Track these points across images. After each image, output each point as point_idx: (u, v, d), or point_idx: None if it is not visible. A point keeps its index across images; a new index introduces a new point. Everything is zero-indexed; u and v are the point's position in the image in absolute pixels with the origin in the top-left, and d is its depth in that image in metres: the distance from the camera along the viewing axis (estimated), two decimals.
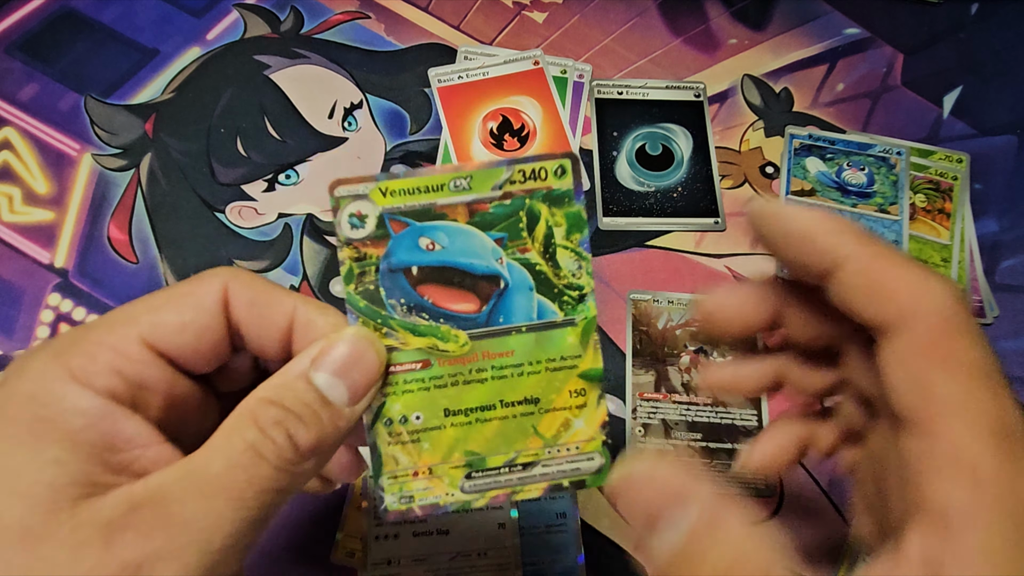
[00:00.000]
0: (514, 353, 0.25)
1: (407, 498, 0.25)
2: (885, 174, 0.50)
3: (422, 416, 0.24)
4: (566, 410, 0.25)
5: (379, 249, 0.24)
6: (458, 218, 0.24)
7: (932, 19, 0.57)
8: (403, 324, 0.24)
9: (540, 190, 0.24)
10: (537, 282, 0.25)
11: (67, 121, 0.49)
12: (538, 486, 0.25)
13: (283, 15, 0.54)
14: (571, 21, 0.55)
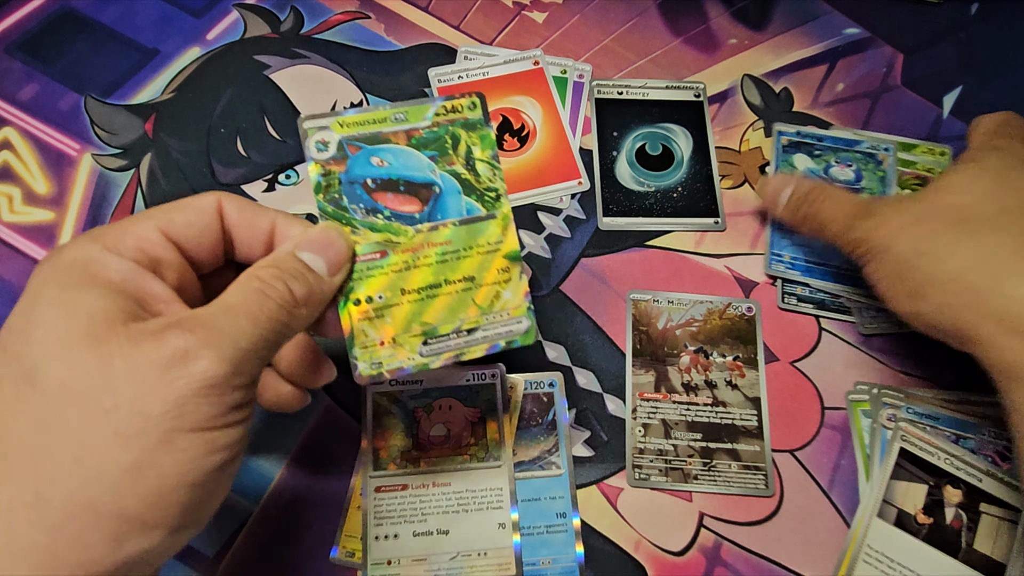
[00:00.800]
0: (451, 242, 0.32)
1: (376, 363, 0.31)
2: (873, 170, 0.50)
3: (384, 296, 0.31)
4: (496, 284, 0.32)
5: (340, 167, 0.31)
6: (399, 142, 0.32)
7: (932, 19, 0.57)
8: (363, 223, 0.31)
9: (459, 119, 0.33)
10: (463, 187, 0.33)
11: (67, 121, 0.49)
12: (480, 347, 0.32)
13: (283, 15, 0.54)
14: (571, 21, 0.55)
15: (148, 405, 0.23)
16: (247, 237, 0.30)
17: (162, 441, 0.23)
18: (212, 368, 0.24)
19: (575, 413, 0.44)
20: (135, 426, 0.23)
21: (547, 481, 0.41)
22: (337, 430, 0.43)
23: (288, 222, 0.31)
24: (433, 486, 0.40)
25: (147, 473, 0.23)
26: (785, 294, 0.47)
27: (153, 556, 0.24)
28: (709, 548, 0.41)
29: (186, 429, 0.23)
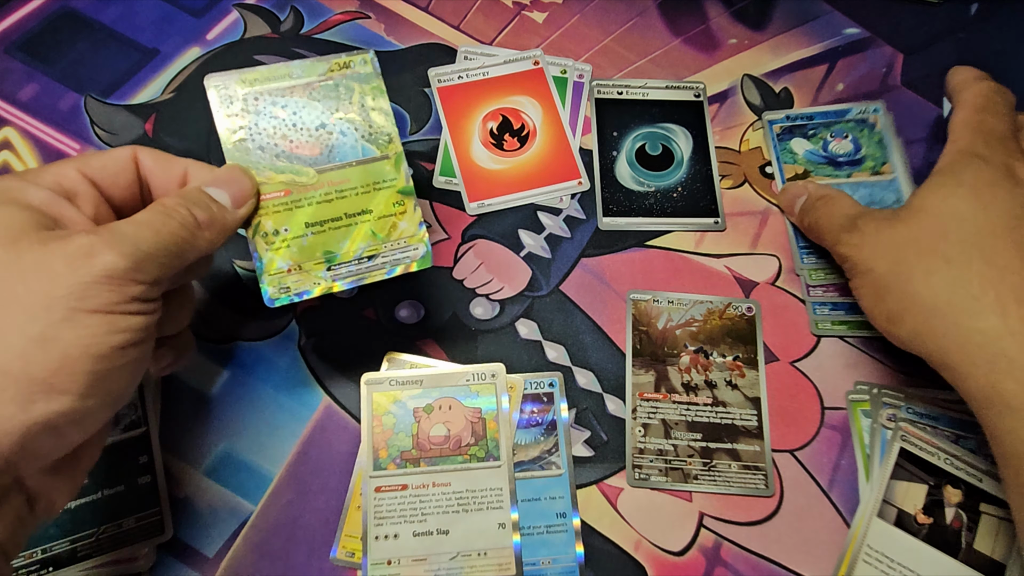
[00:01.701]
0: (350, 180, 0.36)
1: (285, 288, 0.35)
2: (868, 136, 0.50)
3: (289, 229, 0.35)
4: (392, 216, 0.36)
5: (247, 119, 0.35)
6: (299, 95, 0.36)
7: (932, 19, 0.57)
8: (269, 166, 0.35)
9: (352, 74, 0.37)
10: (359, 133, 0.37)
11: (67, 121, 0.49)
12: (380, 272, 0.36)
13: (283, 15, 0.54)
14: (571, 21, 0.55)
15: (54, 288, 0.26)
16: (162, 183, 0.34)
17: (65, 318, 0.26)
18: (112, 260, 0.27)
19: (575, 413, 0.44)
20: (41, 304, 0.26)
21: (547, 481, 0.41)
22: (337, 430, 0.43)
23: (199, 167, 0.34)
24: (433, 486, 0.40)
25: (52, 343, 0.26)
26: (817, 320, 0.47)
27: (63, 423, 0.26)
28: (709, 548, 0.41)
29: (88, 310, 0.26)
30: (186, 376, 0.43)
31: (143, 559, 0.39)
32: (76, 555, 0.38)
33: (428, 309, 0.46)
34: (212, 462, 0.42)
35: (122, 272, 0.27)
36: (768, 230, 0.49)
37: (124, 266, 0.27)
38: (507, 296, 0.46)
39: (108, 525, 0.39)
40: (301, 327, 0.45)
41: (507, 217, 0.48)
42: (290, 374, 0.44)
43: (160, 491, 0.40)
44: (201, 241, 0.32)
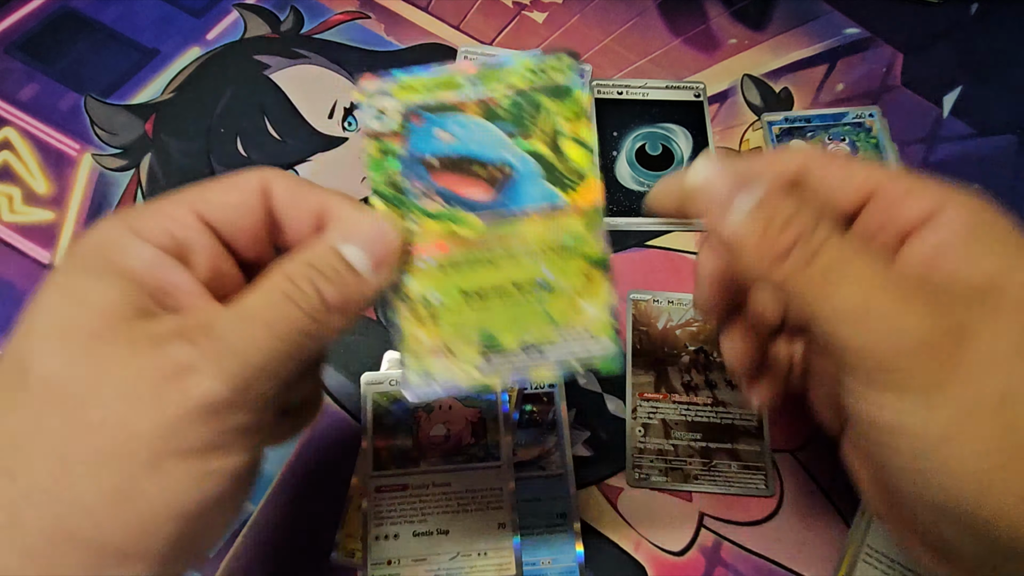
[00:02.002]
0: (525, 237, 0.26)
1: (428, 375, 0.26)
2: (865, 139, 0.51)
3: (440, 296, 0.26)
4: (575, 293, 0.26)
5: (400, 140, 0.27)
6: (472, 112, 0.27)
7: (932, 19, 0.57)
8: (422, 209, 0.26)
9: (543, 85, 0.27)
10: (545, 170, 0.26)
11: (67, 121, 0.50)
12: (550, 368, 0.26)
13: (283, 15, 0.54)
14: (571, 21, 0.55)
15: (137, 423, 0.20)
16: (295, 220, 0.26)
17: (149, 465, 0.20)
18: (212, 387, 0.21)
19: (575, 413, 0.44)
20: (120, 445, 0.20)
21: (547, 481, 0.41)
22: (337, 430, 0.43)
23: (340, 204, 0.26)
24: (433, 486, 0.40)
25: (131, 500, 0.20)
26: None
27: None
28: (709, 548, 0.41)
29: (177, 453, 0.21)
30: None
31: None
32: None
33: None
34: None
35: (222, 400, 0.21)
36: None
37: (225, 392, 0.21)
38: None
39: None
40: None
41: None
42: None
43: None
44: (328, 330, 0.24)
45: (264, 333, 0.22)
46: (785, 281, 0.23)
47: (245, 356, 0.22)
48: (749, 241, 0.23)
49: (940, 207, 0.23)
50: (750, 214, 0.23)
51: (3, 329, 0.44)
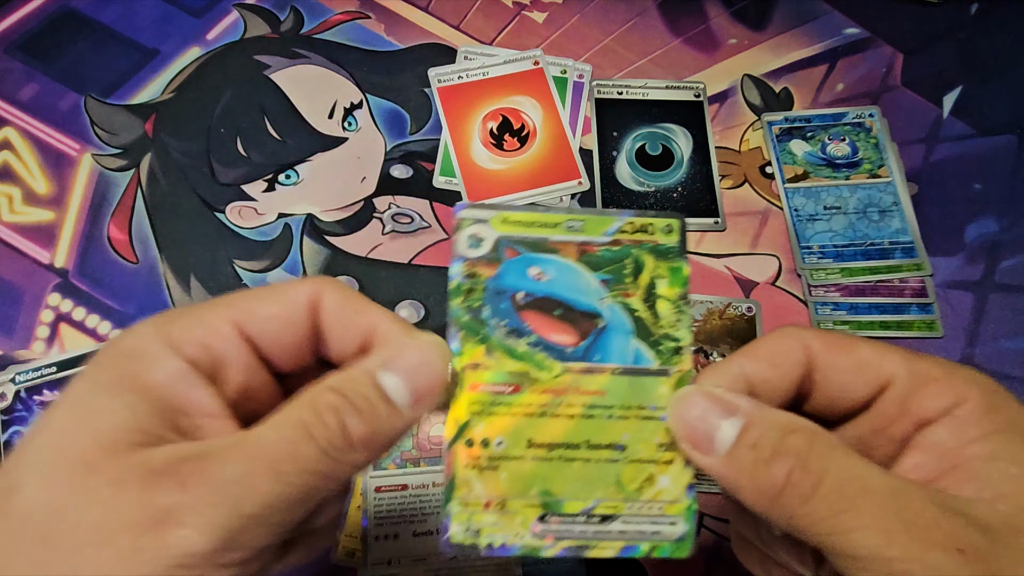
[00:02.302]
0: (606, 394, 0.24)
1: (474, 532, 0.23)
2: (865, 139, 0.51)
3: (504, 442, 0.24)
4: (652, 464, 0.24)
5: (490, 270, 0.25)
6: (569, 256, 0.25)
7: (932, 19, 0.57)
8: (501, 345, 0.24)
9: (647, 243, 0.25)
10: (636, 327, 0.25)
11: (67, 121, 0.49)
12: (614, 544, 0.23)
13: (283, 15, 0.54)
14: (571, 21, 0.55)
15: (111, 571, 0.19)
16: (340, 339, 0.24)
17: None
18: (193, 541, 0.19)
19: None
20: None
21: None
22: None
23: (389, 327, 0.24)
24: (433, 486, 0.40)
25: None
26: (819, 320, 0.47)
27: None
28: (709, 548, 0.41)
29: None
30: None
31: None
32: None
33: (428, 309, 0.46)
34: None
35: (203, 556, 0.19)
36: (768, 230, 0.49)
37: (208, 547, 0.19)
38: None
39: None
40: None
41: None
42: None
43: None
44: (346, 468, 0.21)
45: (266, 476, 0.20)
46: (791, 519, 0.20)
47: (238, 504, 0.19)
48: (740, 480, 0.21)
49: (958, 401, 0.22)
50: (735, 445, 0.21)
51: (3, 329, 0.44)
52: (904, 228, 0.48)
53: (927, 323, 0.46)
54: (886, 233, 0.48)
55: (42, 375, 0.42)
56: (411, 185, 0.49)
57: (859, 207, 0.49)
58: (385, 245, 0.47)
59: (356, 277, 0.46)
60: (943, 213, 0.49)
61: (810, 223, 0.48)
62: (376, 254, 0.47)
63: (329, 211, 0.48)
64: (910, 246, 0.47)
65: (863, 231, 0.48)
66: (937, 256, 0.48)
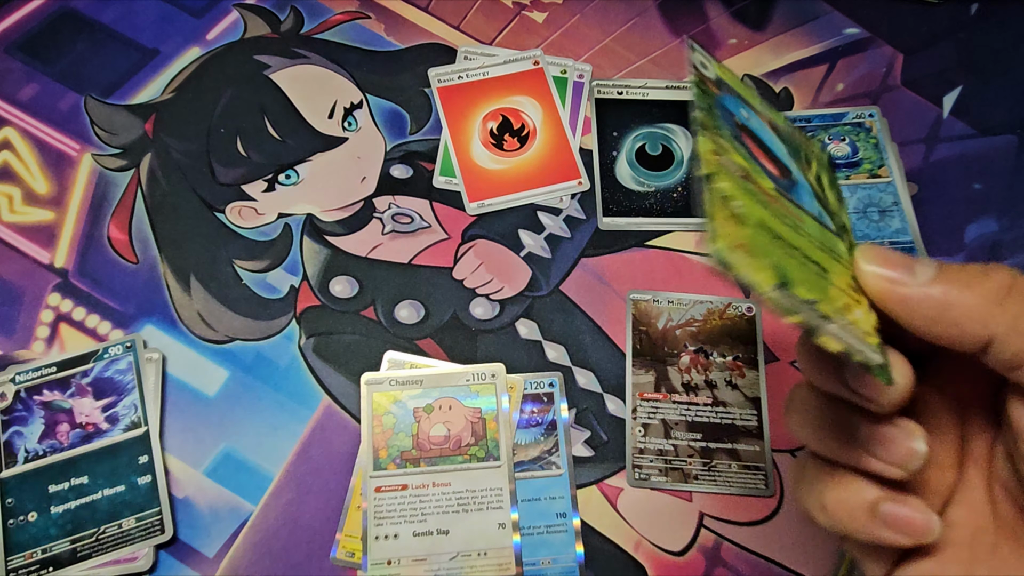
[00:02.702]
0: (806, 225, 0.25)
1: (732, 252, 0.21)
2: (865, 139, 0.51)
3: (743, 205, 0.22)
4: (847, 295, 0.24)
5: (716, 90, 0.26)
6: (764, 120, 0.27)
7: (932, 19, 0.57)
8: (731, 142, 0.24)
9: (811, 151, 0.29)
10: (816, 196, 0.27)
11: (67, 121, 0.49)
12: (838, 341, 0.22)
13: (283, 15, 0.54)
14: (571, 21, 0.55)
15: None
16: None
17: None
18: None
19: (575, 413, 0.44)
20: None
21: (547, 481, 0.41)
22: (337, 430, 0.43)
23: None
24: (433, 486, 0.40)
25: None
26: None
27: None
28: (709, 548, 0.41)
29: None
30: (186, 376, 0.43)
31: (143, 559, 0.39)
32: (76, 555, 0.38)
33: (428, 309, 0.46)
34: (212, 462, 0.42)
35: None
36: None
37: None
38: (507, 296, 0.46)
39: (108, 525, 0.39)
40: (301, 327, 0.45)
41: (507, 217, 0.48)
42: (290, 374, 0.44)
43: (160, 491, 0.40)
44: None
45: None
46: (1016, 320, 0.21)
47: None
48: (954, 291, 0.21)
49: None
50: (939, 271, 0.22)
51: (3, 329, 0.44)
52: (904, 228, 0.48)
53: None
54: (886, 233, 0.48)
55: (42, 375, 0.42)
56: (411, 185, 0.49)
57: (859, 207, 0.49)
58: (385, 245, 0.47)
59: (356, 277, 0.46)
60: (943, 213, 0.49)
61: None
62: (376, 254, 0.47)
63: (329, 211, 0.48)
64: (910, 246, 0.47)
65: (863, 231, 0.48)
66: (937, 256, 0.48)
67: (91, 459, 0.40)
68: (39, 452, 0.40)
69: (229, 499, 0.41)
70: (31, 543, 0.38)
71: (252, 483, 0.41)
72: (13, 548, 0.38)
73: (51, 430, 0.40)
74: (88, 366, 0.42)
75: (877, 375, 0.23)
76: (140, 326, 0.44)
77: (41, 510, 0.39)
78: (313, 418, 0.43)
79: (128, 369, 0.42)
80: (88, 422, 0.41)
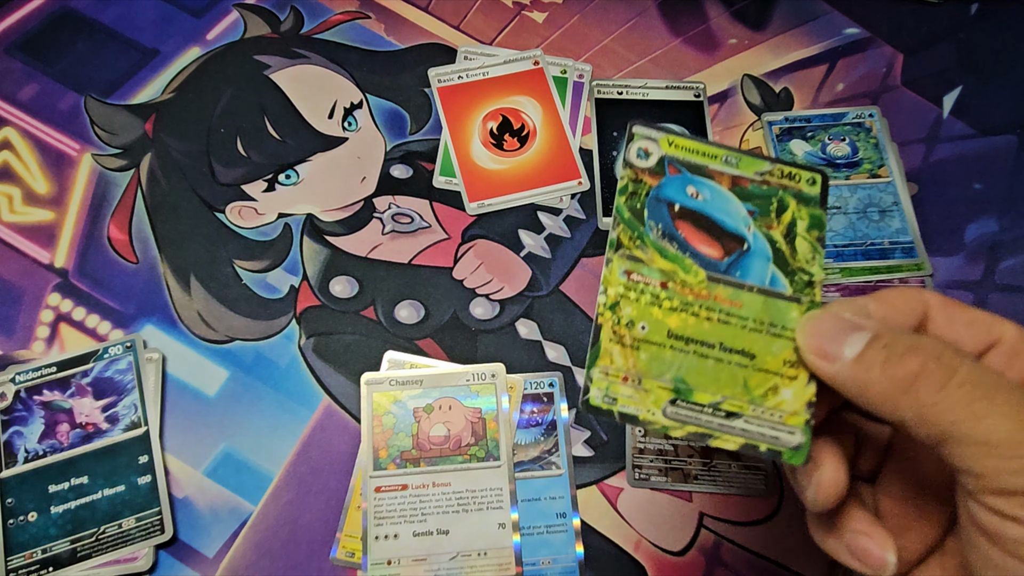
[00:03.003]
0: (743, 307, 0.27)
1: (611, 399, 0.26)
2: (865, 139, 0.51)
3: (647, 327, 0.26)
4: (778, 376, 0.26)
5: (653, 180, 0.28)
6: (722, 183, 0.28)
7: (932, 19, 0.57)
8: (655, 244, 0.27)
9: (792, 188, 0.29)
10: (775, 256, 0.28)
11: (67, 121, 0.49)
12: (736, 439, 0.26)
13: (283, 15, 0.54)
14: (571, 21, 0.55)
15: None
16: None
17: None
18: None
19: (575, 413, 0.44)
20: None
21: (547, 481, 0.41)
22: (337, 430, 0.43)
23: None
24: (433, 486, 0.40)
25: None
26: None
27: None
28: (709, 548, 0.41)
29: None
30: (186, 376, 0.43)
31: (143, 559, 0.39)
32: (76, 555, 0.38)
33: (428, 309, 0.46)
34: (212, 462, 0.42)
35: None
36: None
37: None
38: (507, 296, 0.46)
39: (108, 525, 0.39)
40: (301, 327, 0.45)
41: (507, 217, 0.48)
42: (290, 374, 0.44)
43: (160, 491, 0.40)
44: None
45: None
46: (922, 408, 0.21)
47: None
48: (870, 376, 0.23)
49: None
50: (865, 349, 0.23)
51: (3, 329, 0.44)
52: (904, 228, 0.48)
53: None
54: (886, 233, 0.48)
55: (42, 375, 0.42)
56: (411, 185, 0.49)
57: (859, 207, 0.49)
58: (385, 245, 0.47)
59: (356, 277, 0.46)
60: (943, 213, 0.49)
61: None
62: (376, 254, 0.47)
63: (329, 211, 0.48)
64: (910, 246, 0.47)
65: (863, 231, 0.48)
66: (937, 256, 0.48)
67: (91, 459, 0.40)
68: (39, 452, 0.40)
69: (229, 499, 0.41)
70: (31, 543, 0.38)
71: (252, 483, 0.41)
72: (13, 548, 0.38)
73: (51, 430, 0.40)
74: (88, 366, 0.42)
75: (787, 459, 0.25)
76: (140, 326, 0.44)
77: (41, 510, 0.39)
78: (313, 418, 0.43)
79: (128, 369, 0.42)
80: (88, 422, 0.41)
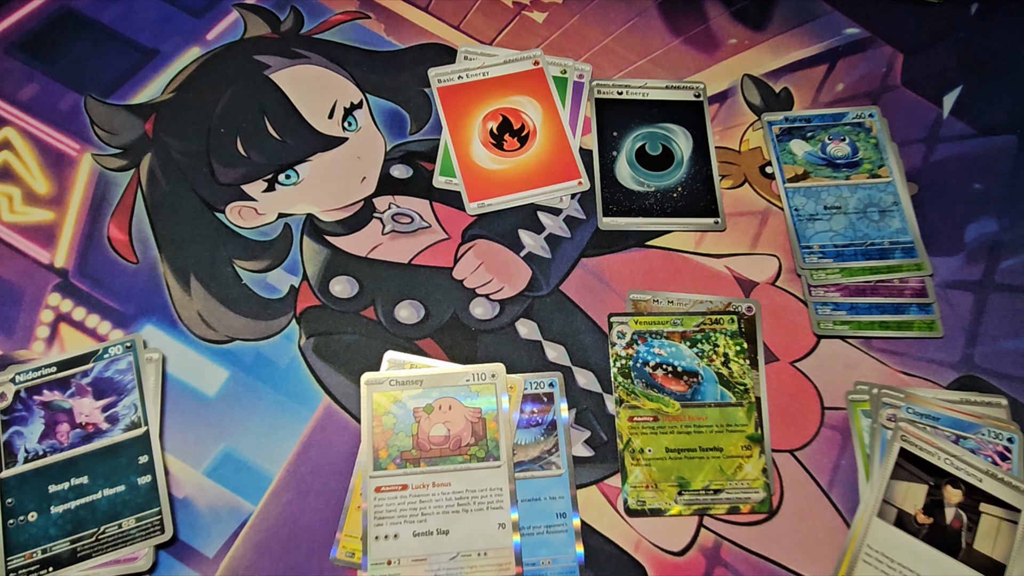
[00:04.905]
0: (707, 419, 0.42)
1: (641, 501, 0.41)
2: (865, 139, 0.51)
3: (652, 450, 0.42)
4: (740, 458, 0.42)
5: (632, 351, 0.44)
6: (675, 340, 0.44)
7: (932, 19, 0.57)
8: (643, 393, 0.43)
9: (720, 329, 0.44)
10: (720, 379, 0.43)
11: (67, 121, 0.49)
12: (724, 505, 0.41)
13: (283, 15, 0.54)
14: (571, 21, 0.55)
15: None
16: None
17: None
18: None
19: (575, 413, 0.44)
20: None
21: (547, 481, 0.41)
22: (337, 430, 0.43)
23: None
24: (433, 486, 0.40)
25: None
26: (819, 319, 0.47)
27: None
28: (709, 548, 0.41)
29: None
30: (186, 376, 0.43)
31: (143, 559, 0.39)
32: (76, 555, 0.38)
33: (428, 309, 0.46)
34: (212, 462, 0.42)
35: None
36: (768, 230, 0.49)
37: None
38: (507, 296, 0.46)
39: (108, 525, 0.39)
40: (301, 327, 0.45)
41: (507, 217, 0.48)
42: (290, 374, 0.44)
43: (160, 491, 0.40)
44: None
45: None
46: None
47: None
48: None
49: None
50: None
51: (3, 329, 0.44)
52: (904, 228, 0.48)
53: (927, 323, 0.46)
54: (886, 233, 0.48)
55: (42, 375, 0.42)
56: (411, 185, 0.49)
57: (859, 207, 0.49)
58: (385, 245, 0.47)
59: (356, 277, 0.46)
60: (943, 213, 0.49)
61: (810, 223, 0.48)
62: (376, 254, 0.47)
63: (329, 211, 0.48)
64: (910, 246, 0.47)
65: (863, 231, 0.48)
66: (937, 256, 0.48)
67: (91, 459, 0.40)
68: (39, 452, 0.40)
69: (229, 499, 0.41)
70: (31, 543, 0.38)
71: (252, 483, 0.41)
72: (13, 548, 0.38)
73: (51, 430, 0.40)
74: (88, 366, 0.42)
75: (756, 509, 0.41)
76: (140, 326, 0.44)
77: (41, 510, 0.39)
78: (313, 418, 0.43)
79: (128, 369, 0.42)
80: (88, 422, 0.41)
